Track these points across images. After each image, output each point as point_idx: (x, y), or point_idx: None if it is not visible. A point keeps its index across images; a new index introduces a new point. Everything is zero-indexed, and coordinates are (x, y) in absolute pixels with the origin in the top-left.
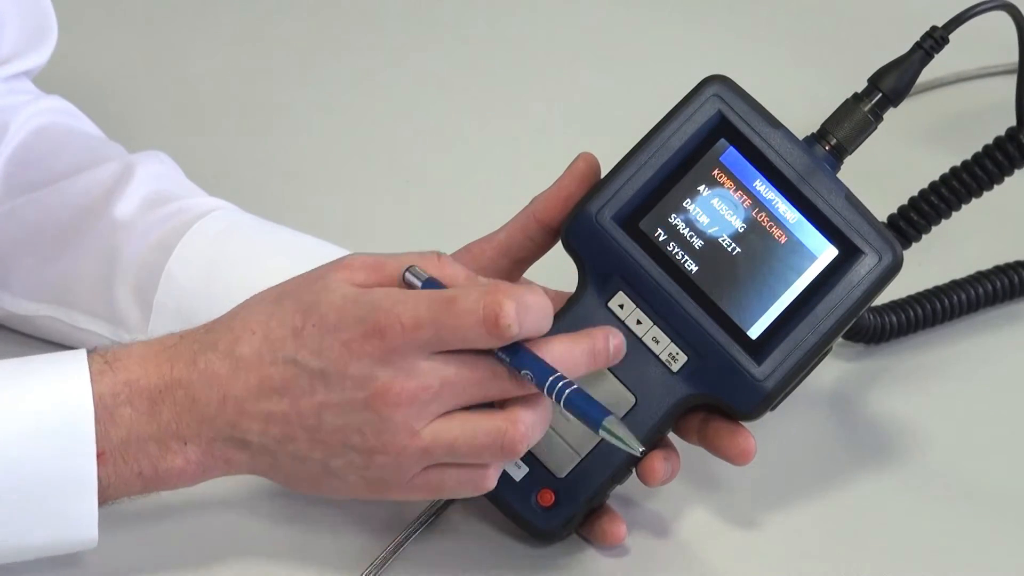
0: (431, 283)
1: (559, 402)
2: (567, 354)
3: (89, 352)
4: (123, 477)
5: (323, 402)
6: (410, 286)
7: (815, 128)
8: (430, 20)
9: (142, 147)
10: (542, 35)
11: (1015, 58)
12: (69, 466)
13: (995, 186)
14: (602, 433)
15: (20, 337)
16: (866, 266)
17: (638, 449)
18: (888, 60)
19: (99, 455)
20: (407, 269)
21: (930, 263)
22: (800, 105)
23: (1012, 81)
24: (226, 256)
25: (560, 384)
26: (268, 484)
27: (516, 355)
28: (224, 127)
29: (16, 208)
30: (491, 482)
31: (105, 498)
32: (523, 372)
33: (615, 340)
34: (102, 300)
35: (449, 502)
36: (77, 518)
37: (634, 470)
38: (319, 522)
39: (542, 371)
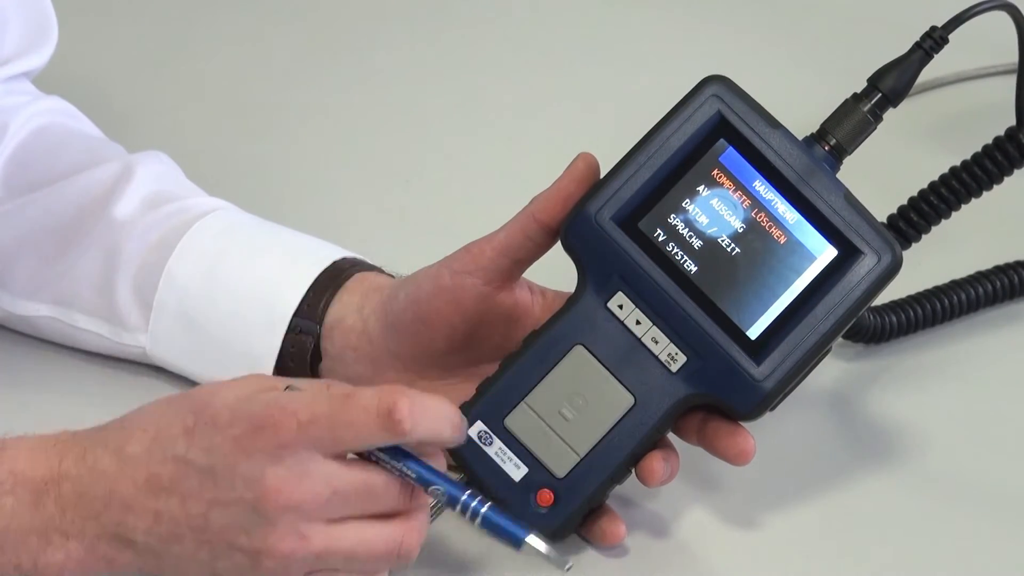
0: None
1: (473, 521)
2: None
3: None
4: (1, 568)
5: (211, 500)
6: None
7: (814, 128)
8: (430, 20)
9: (142, 147)
10: (542, 35)
11: (1015, 58)
12: None
13: (995, 186)
14: (524, 551)
15: (20, 337)
16: (865, 266)
17: (565, 566)
18: (888, 60)
19: None
20: (287, 387)
21: (930, 263)
22: (799, 105)
23: (1012, 81)
24: (227, 256)
25: (474, 503)
26: None
27: (423, 472)
28: (224, 127)
29: (16, 208)
30: None
31: None
32: (432, 489)
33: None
34: (102, 300)
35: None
36: None
37: (633, 471)
38: None
39: (454, 489)
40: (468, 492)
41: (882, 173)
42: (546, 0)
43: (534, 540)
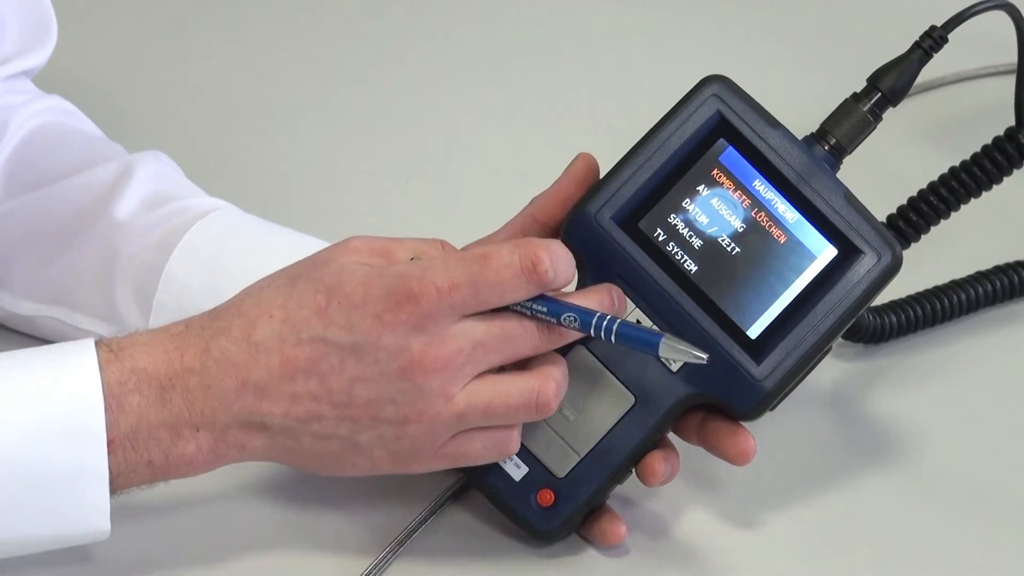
0: None
1: (610, 338)
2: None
3: (95, 341)
4: (133, 465)
5: (355, 376)
6: None
7: (814, 128)
8: (430, 20)
9: (142, 147)
10: (542, 35)
11: (1014, 58)
12: (80, 456)
13: (994, 186)
14: (663, 353)
15: (20, 337)
16: (865, 266)
17: (704, 355)
18: (887, 59)
19: (108, 443)
20: (412, 257)
21: (930, 263)
22: (799, 105)
23: (1011, 81)
24: (227, 256)
25: (607, 321)
26: (268, 484)
27: (553, 305)
28: (224, 127)
29: (16, 208)
30: (515, 445)
31: (115, 487)
32: (564, 317)
33: (616, 292)
34: (102, 300)
35: (447, 500)
36: (88, 509)
37: (634, 470)
38: (320, 522)
39: (585, 313)
40: (598, 314)
41: (882, 172)
42: (546, 1)
43: (669, 340)
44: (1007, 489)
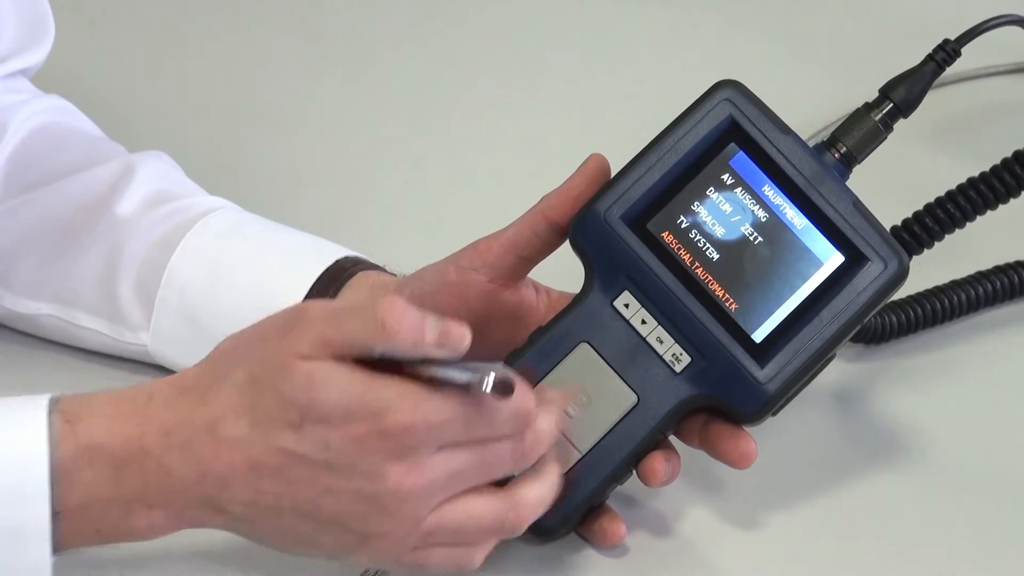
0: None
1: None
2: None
3: (52, 401)
4: (81, 533)
5: (324, 489)
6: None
7: (826, 134)
8: (433, 19)
9: (142, 147)
10: (549, 36)
11: (1016, 59)
12: (21, 521)
13: (1012, 200)
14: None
15: (21, 337)
16: (872, 273)
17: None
18: (899, 66)
19: (57, 514)
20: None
21: (930, 263)
22: (811, 111)
23: (1011, 81)
24: (229, 254)
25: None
26: None
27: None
28: (224, 127)
29: (17, 207)
30: (477, 562)
31: (61, 549)
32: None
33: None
34: (104, 298)
35: None
36: (29, 567)
37: (635, 470)
38: None
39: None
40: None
41: (879, 171)
42: (554, 1)
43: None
44: (1009, 489)
